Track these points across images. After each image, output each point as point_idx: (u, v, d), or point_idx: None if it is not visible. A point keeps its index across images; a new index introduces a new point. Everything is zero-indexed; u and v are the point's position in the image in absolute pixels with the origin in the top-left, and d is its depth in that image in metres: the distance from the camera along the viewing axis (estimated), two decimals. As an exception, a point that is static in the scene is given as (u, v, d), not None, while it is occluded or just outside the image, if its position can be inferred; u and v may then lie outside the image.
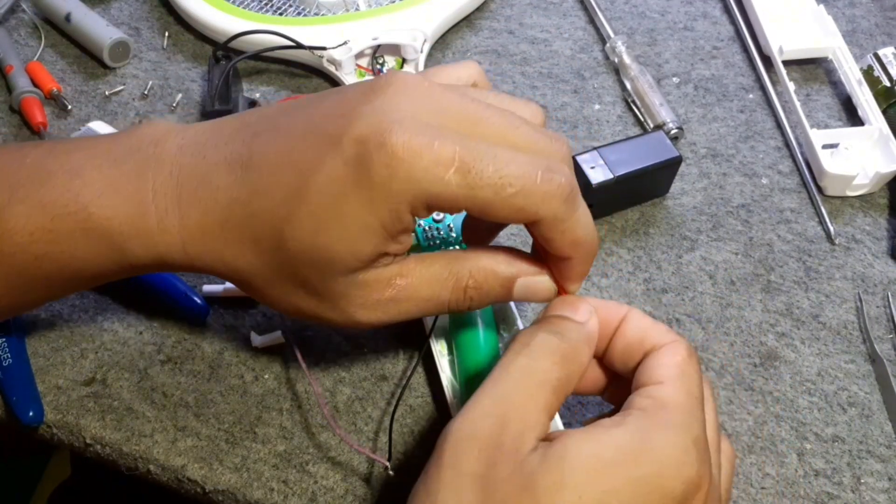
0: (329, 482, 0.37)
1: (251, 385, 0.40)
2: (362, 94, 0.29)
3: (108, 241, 0.31)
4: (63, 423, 0.39)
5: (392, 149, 0.27)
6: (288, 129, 0.30)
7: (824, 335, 0.43)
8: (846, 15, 0.61)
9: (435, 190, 0.27)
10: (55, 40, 0.57)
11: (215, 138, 0.32)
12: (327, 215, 0.29)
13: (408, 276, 0.31)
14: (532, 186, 0.28)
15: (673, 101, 0.54)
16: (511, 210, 0.28)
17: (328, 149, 0.28)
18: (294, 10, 0.56)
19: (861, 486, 0.38)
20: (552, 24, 0.59)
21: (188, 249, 0.31)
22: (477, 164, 0.27)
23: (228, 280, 0.33)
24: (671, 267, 0.46)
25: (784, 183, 0.50)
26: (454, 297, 0.32)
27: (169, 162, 0.31)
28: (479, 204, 0.28)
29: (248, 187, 0.30)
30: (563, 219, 0.29)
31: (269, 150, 0.30)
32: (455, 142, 0.28)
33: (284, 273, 0.31)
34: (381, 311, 0.31)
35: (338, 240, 0.29)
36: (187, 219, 0.31)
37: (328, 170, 0.28)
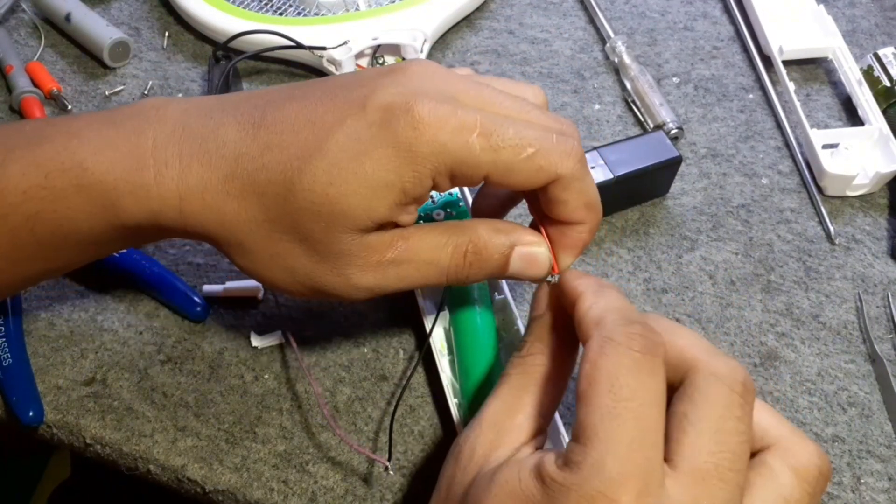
0: (329, 482, 0.37)
1: (251, 385, 0.40)
2: (381, 72, 0.30)
3: (101, 196, 0.30)
4: (63, 423, 0.39)
5: (418, 114, 0.28)
6: (304, 96, 0.30)
7: (824, 335, 0.43)
8: (846, 15, 0.61)
9: (461, 154, 0.28)
10: (55, 40, 0.57)
11: (222, 104, 0.31)
12: (346, 169, 0.28)
13: (409, 239, 0.31)
14: (549, 146, 0.29)
15: (673, 101, 0.54)
16: (532, 170, 0.29)
17: (351, 111, 0.29)
18: (294, 10, 0.56)
19: (861, 486, 0.38)
20: (552, 24, 0.59)
21: (184, 206, 0.30)
22: (498, 128, 0.29)
23: (220, 242, 0.31)
24: (671, 267, 0.46)
25: (784, 183, 0.50)
26: (453, 262, 0.31)
27: (172, 121, 0.31)
28: (501, 167, 0.29)
29: (259, 142, 0.29)
30: (579, 178, 0.30)
31: (284, 112, 0.30)
32: (475, 112, 0.29)
33: (287, 226, 0.30)
34: (381, 274, 0.31)
35: (353, 194, 0.29)
36: (188, 172, 0.30)
37: (350, 129, 0.29)
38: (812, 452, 0.27)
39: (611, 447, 0.24)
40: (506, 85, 0.32)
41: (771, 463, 0.26)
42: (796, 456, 0.26)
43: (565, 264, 0.33)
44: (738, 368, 0.26)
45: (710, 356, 0.27)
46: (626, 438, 0.24)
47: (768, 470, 0.26)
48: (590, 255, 0.46)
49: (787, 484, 0.26)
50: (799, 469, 0.26)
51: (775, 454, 0.27)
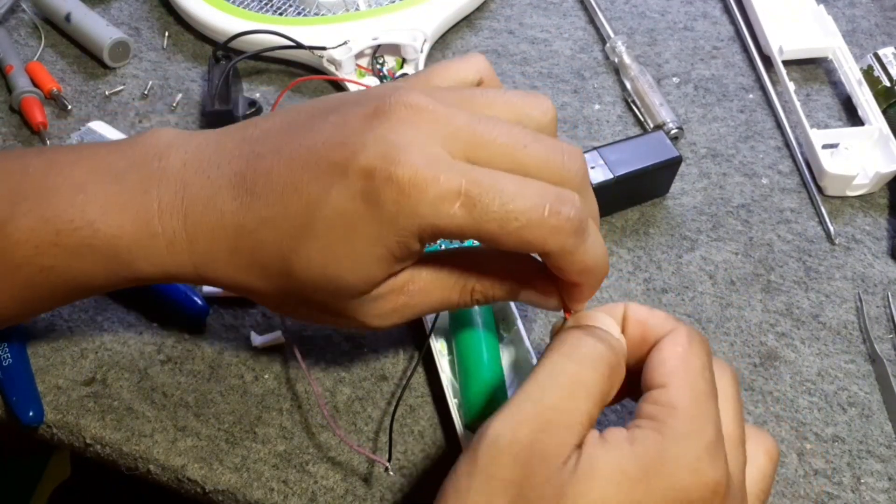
0: (329, 482, 0.37)
1: (251, 385, 0.40)
2: (365, 119, 0.29)
3: (115, 257, 0.31)
4: (63, 423, 0.39)
5: (398, 183, 0.27)
6: (290, 154, 0.30)
7: (824, 335, 0.43)
8: (846, 15, 0.61)
9: (441, 223, 0.27)
10: (55, 40, 0.57)
11: (218, 156, 0.31)
12: (336, 248, 0.29)
13: (419, 282, 0.32)
14: (539, 220, 0.27)
15: (673, 101, 0.54)
16: (518, 243, 0.28)
17: (334, 180, 0.28)
18: (294, 10, 0.56)
19: (861, 486, 0.38)
20: (552, 24, 0.59)
21: (199, 270, 0.31)
22: (483, 197, 0.27)
23: (244, 296, 0.34)
24: (671, 267, 0.46)
25: (784, 183, 0.50)
26: (462, 300, 0.33)
27: (173, 179, 0.31)
28: (484, 236, 0.28)
29: (254, 215, 0.30)
30: (571, 251, 0.28)
31: (272, 175, 0.30)
32: (461, 174, 0.27)
33: (296, 297, 0.31)
34: (396, 315, 0.32)
35: (348, 270, 0.29)
36: (195, 244, 0.31)
37: (335, 203, 0.28)
38: (771, 440, 0.31)
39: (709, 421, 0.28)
40: (513, 99, 0.31)
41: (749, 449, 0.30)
42: (764, 442, 0.31)
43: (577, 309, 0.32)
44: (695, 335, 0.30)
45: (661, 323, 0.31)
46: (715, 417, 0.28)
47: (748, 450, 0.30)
48: (590, 255, 0.46)
49: (764, 463, 0.30)
50: (768, 451, 0.31)
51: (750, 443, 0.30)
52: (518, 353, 0.40)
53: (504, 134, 0.29)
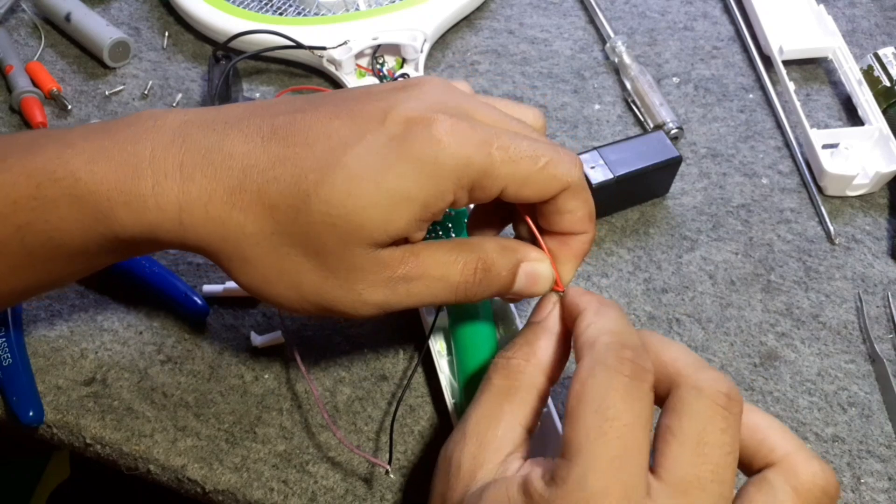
0: (329, 482, 0.37)
1: (251, 385, 0.40)
2: (396, 86, 0.31)
3: (94, 207, 0.29)
4: (63, 422, 0.39)
5: (440, 128, 0.28)
6: (315, 108, 0.30)
7: (824, 335, 0.43)
8: (846, 15, 0.61)
9: (483, 166, 0.29)
10: (55, 40, 0.57)
11: (225, 116, 0.31)
12: (367, 181, 0.28)
13: (419, 255, 0.31)
14: (559, 157, 0.30)
15: (673, 101, 0.54)
16: (547, 179, 0.30)
17: (370, 126, 0.29)
18: (294, 9, 0.56)
19: (861, 486, 0.38)
20: (552, 24, 0.59)
21: (184, 217, 0.29)
22: (513, 142, 0.30)
23: (221, 256, 0.30)
24: (671, 267, 0.46)
25: (784, 183, 0.50)
26: (463, 279, 0.31)
27: (171, 131, 0.30)
28: (518, 178, 0.30)
29: (270, 154, 0.29)
30: (583, 186, 0.31)
31: (296, 124, 0.29)
32: (490, 128, 0.30)
33: (297, 240, 0.29)
34: (390, 290, 0.31)
35: (373, 206, 0.28)
36: (189, 182, 0.29)
37: (370, 143, 0.28)
38: (816, 472, 0.26)
39: (594, 463, 0.24)
40: (506, 106, 0.33)
41: (772, 480, 0.26)
42: (798, 475, 0.26)
43: (567, 278, 0.33)
44: (721, 380, 0.27)
45: (695, 370, 0.27)
46: (609, 455, 0.24)
47: (769, 487, 0.26)
48: (590, 255, 0.46)
49: (786, 502, 0.26)
50: (799, 489, 0.26)
51: (778, 471, 0.26)
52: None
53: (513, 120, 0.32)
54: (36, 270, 0.32)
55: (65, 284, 0.42)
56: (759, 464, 0.27)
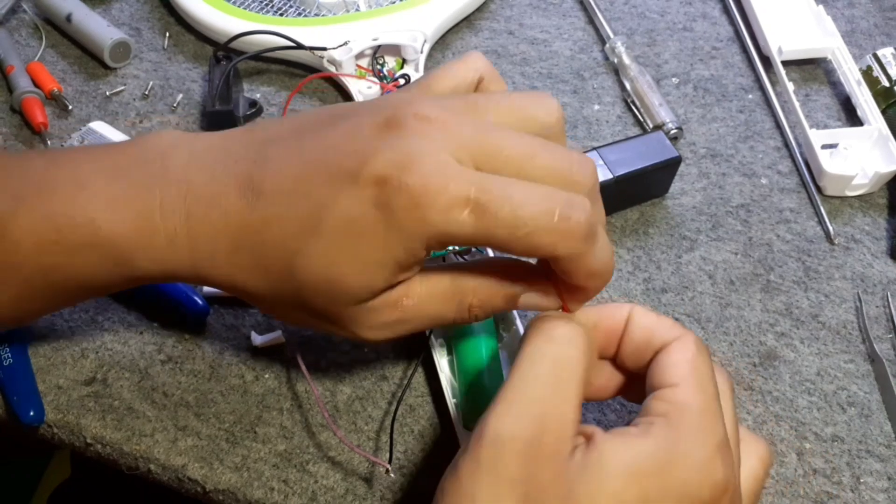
0: (329, 481, 0.38)
1: (251, 384, 0.40)
2: (377, 129, 0.29)
3: (115, 255, 0.31)
4: (64, 422, 0.39)
5: (409, 191, 0.27)
6: (300, 156, 0.30)
7: (824, 335, 0.44)
8: (845, 15, 0.61)
9: (451, 230, 0.28)
10: (56, 41, 0.57)
11: (224, 156, 0.31)
12: (341, 251, 0.29)
13: (413, 297, 0.31)
14: (549, 226, 0.27)
15: (672, 102, 0.54)
16: (527, 248, 0.28)
17: (344, 186, 0.28)
18: (294, 10, 0.57)
19: (860, 486, 0.38)
20: (552, 25, 0.59)
21: (198, 269, 0.31)
22: (492, 204, 0.27)
23: (238, 297, 0.33)
24: (671, 267, 0.46)
25: (783, 183, 0.50)
26: (459, 316, 0.32)
27: (176, 177, 0.31)
28: (494, 243, 0.28)
29: (259, 214, 0.30)
30: (580, 255, 0.28)
31: (281, 177, 0.30)
32: (470, 181, 0.27)
33: (293, 300, 0.31)
34: (389, 329, 0.32)
35: (350, 274, 0.29)
36: (196, 241, 0.31)
37: (344, 207, 0.28)
38: (764, 446, 0.32)
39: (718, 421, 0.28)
40: (518, 101, 0.31)
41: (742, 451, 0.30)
42: (757, 447, 0.31)
43: (574, 309, 0.32)
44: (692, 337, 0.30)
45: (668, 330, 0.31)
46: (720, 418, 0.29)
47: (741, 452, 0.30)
48: (589, 255, 0.46)
49: (755, 466, 0.31)
50: (761, 455, 0.31)
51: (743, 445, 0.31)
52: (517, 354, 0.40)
53: (513, 144, 0.29)
54: (59, 301, 0.35)
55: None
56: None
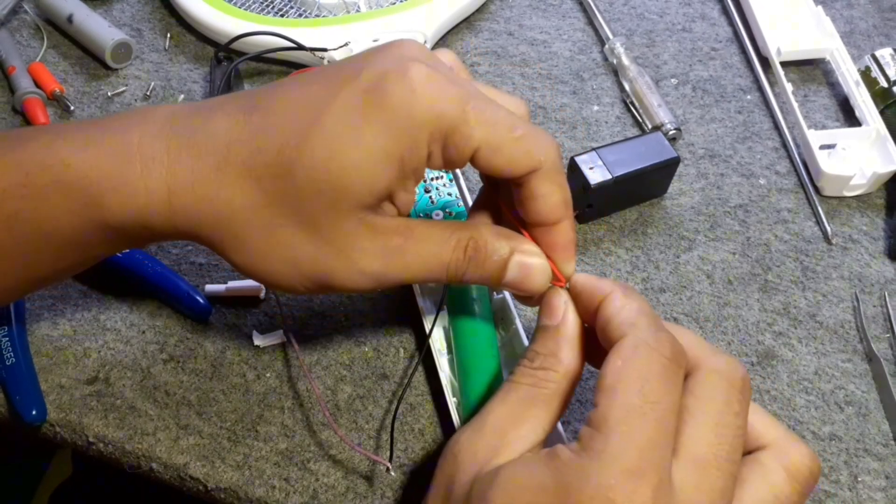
0: (330, 480, 0.38)
1: (253, 383, 0.41)
2: (372, 48, 0.30)
3: (83, 194, 0.29)
4: (66, 421, 0.39)
5: (414, 78, 0.28)
6: (293, 81, 0.30)
7: (821, 334, 0.44)
8: (844, 16, 0.61)
9: (456, 122, 0.28)
10: (57, 41, 0.57)
11: (210, 103, 0.31)
12: (344, 140, 0.28)
13: (413, 229, 0.31)
14: (536, 133, 0.30)
15: (671, 102, 0.54)
16: (519, 151, 0.29)
17: (344, 83, 0.29)
18: (295, 11, 0.57)
19: (858, 485, 0.39)
20: (551, 26, 0.59)
21: (174, 199, 0.29)
22: (489, 106, 0.29)
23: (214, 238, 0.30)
24: (669, 267, 0.46)
25: (781, 183, 0.50)
26: (455, 256, 0.31)
27: (159, 120, 0.30)
28: (492, 142, 0.29)
29: (252, 127, 0.29)
30: (558, 171, 0.30)
31: (275, 97, 0.30)
32: (468, 87, 0.29)
33: (288, 210, 0.29)
34: (386, 260, 0.30)
35: (354, 167, 0.28)
36: (176, 164, 0.29)
37: (346, 99, 0.28)
38: (804, 453, 0.28)
39: (632, 443, 0.25)
40: (491, 90, 0.32)
41: (764, 461, 0.28)
42: (789, 456, 0.28)
43: (569, 272, 0.32)
44: (737, 366, 0.28)
45: (712, 354, 0.28)
46: (647, 436, 0.25)
47: (761, 467, 0.28)
48: (588, 255, 0.46)
49: (779, 481, 0.27)
50: (790, 468, 0.27)
51: (769, 454, 0.28)
52: (516, 353, 0.40)
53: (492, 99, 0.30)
54: (27, 262, 0.32)
55: (57, 281, 0.42)
56: (750, 447, 0.29)
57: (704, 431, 0.26)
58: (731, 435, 0.26)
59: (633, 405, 0.26)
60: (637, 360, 0.27)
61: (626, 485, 0.24)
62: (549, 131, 0.52)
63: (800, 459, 0.28)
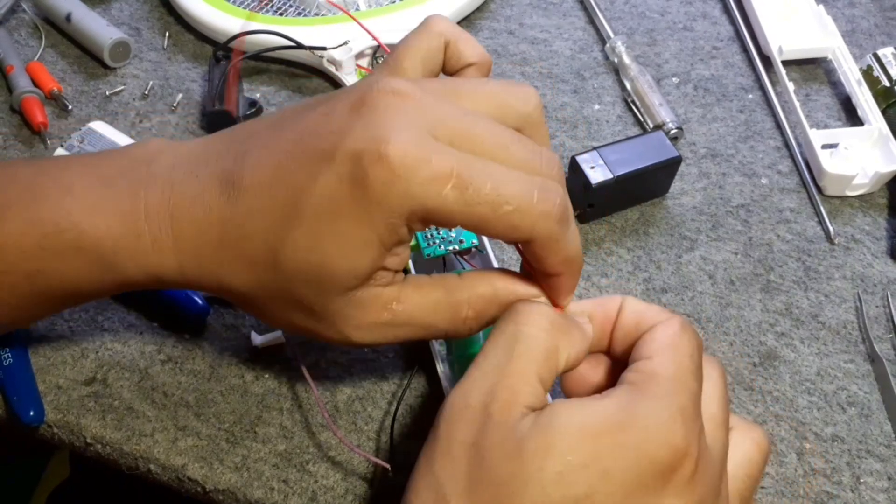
0: (329, 481, 0.37)
1: (251, 384, 0.40)
2: (352, 108, 0.29)
3: (101, 260, 0.31)
4: (64, 422, 0.39)
5: (388, 163, 0.27)
6: (276, 145, 0.30)
7: (824, 335, 0.44)
8: (846, 15, 0.61)
9: (432, 205, 0.27)
10: (56, 40, 0.57)
11: (206, 156, 0.32)
12: (323, 233, 0.28)
13: (405, 303, 0.31)
14: (528, 206, 0.28)
15: (672, 101, 0.54)
16: (507, 227, 0.28)
17: (321, 165, 0.28)
18: (294, 10, 0.57)
19: (860, 486, 0.38)
20: (552, 25, 0.59)
21: (183, 269, 0.31)
22: (475, 181, 0.27)
23: (226, 298, 0.33)
24: (671, 267, 0.46)
25: (783, 183, 0.50)
26: (452, 327, 0.32)
27: (161, 180, 0.31)
28: (475, 220, 0.28)
29: (241, 208, 0.30)
30: (556, 238, 0.29)
31: (259, 169, 0.30)
32: (452, 157, 0.27)
33: (280, 293, 0.31)
34: (378, 333, 0.31)
35: (334, 256, 0.29)
36: (181, 240, 0.31)
37: (322, 187, 0.28)
38: (761, 433, 0.31)
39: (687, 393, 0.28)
40: (496, 89, 0.31)
41: (735, 436, 0.31)
42: (753, 433, 0.31)
43: (564, 303, 0.32)
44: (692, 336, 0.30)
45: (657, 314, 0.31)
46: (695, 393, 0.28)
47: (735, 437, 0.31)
48: (590, 256, 0.46)
49: (750, 449, 0.31)
50: (757, 440, 0.31)
51: (737, 431, 0.31)
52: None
53: (488, 132, 0.29)
54: (46, 308, 0.35)
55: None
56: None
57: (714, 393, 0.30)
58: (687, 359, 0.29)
59: (685, 366, 0.28)
60: (687, 335, 0.29)
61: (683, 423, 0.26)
62: (549, 131, 0.52)
63: (761, 435, 0.31)
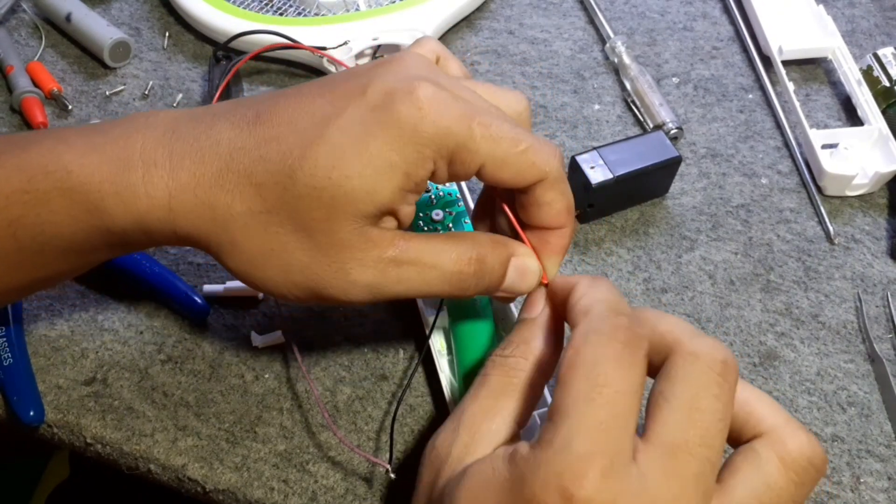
0: (329, 481, 0.37)
1: (252, 384, 0.40)
2: (377, 63, 0.31)
3: (85, 199, 0.30)
4: (63, 422, 0.39)
5: (421, 96, 0.28)
6: (299, 93, 0.31)
7: (824, 335, 0.44)
8: (846, 15, 0.61)
9: (462, 138, 0.29)
10: (56, 40, 0.57)
11: (213, 109, 0.31)
12: (349, 151, 0.28)
13: (411, 240, 0.31)
14: (540, 145, 0.30)
15: (672, 101, 0.54)
16: (525, 164, 0.30)
17: (352, 99, 0.29)
18: (294, 10, 0.57)
19: (860, 486, 0.38)
20: (552, 25, 0.59)
21: (174, 203, 0.29)
22: (494, 121, 0.29)
23: (211, 241, 0.30)
24: (671, 267, 0.46)
25: (783, 183, 0.50)
26: (457, 269, 0.31)
27: (161, 126, 0.31)
28: (497, 157, 0.29)
29: (256, 137, 0.29)
30: (562, 179, 0.31)
31: (280, 108, 0.30)
32: (474, 103, 0.30)
33: (286, 216, 0.29)
34: (380, 272, 0.30)
35: (357, 176, 0.28)
36: (178, 169, 0.29)
37: (352, 114, 0.29)
38: (803, 443, 0.27)
39: (580, 428, 0.24)
40: (487, 91, 0.33)
41: (759, 450, 0.27)
42: (786, 445, 0.27)
43: (552, 273, 0.33)
44: (717, 347, 0.27)
45: (690, 337, 0.28)
46: (596, 420, 0.24)
47: (755, 456, 0.27)
48: (589, 255, 0.46)
49: (773, 472, 0.26)
50: (786, 458, 0.26)
51: (765, 442, 0.27)
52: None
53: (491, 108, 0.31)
54: (28, 266, 0.32)
55: (58, 282, 0.42)
56: (748, 435, 0.28)
57: (676, 415, 0.25)
58: (707, 419, 0.25)
59: (580, 391, 0.25)
60: (586, 348, 0.26)
61: (576, 468, 0.24)
62: (549, 130, 0.52)
63: (797, 448, 0.26)
